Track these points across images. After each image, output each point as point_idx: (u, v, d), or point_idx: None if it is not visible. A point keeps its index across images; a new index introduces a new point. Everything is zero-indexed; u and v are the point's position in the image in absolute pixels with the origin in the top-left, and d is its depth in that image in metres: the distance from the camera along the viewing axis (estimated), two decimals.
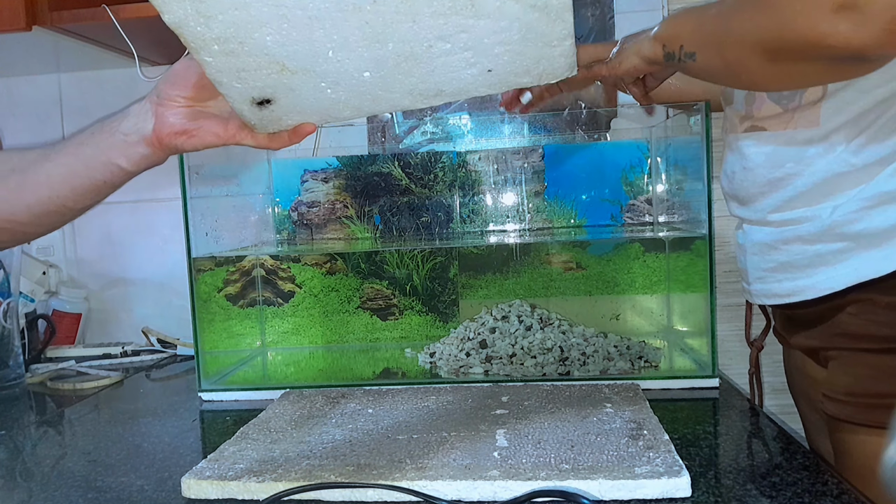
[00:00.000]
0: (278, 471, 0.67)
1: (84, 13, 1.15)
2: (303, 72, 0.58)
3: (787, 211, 0.77)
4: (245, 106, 0.61)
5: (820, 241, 0.74)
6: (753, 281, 0.84)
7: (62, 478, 0.74)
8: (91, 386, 1.14)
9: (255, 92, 0.60)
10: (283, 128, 0.65)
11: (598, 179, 1.27)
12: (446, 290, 1.22)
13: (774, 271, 0.80)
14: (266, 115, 0.62)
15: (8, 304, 1.16)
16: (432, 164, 1.29)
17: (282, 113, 0.63)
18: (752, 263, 0.83)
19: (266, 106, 0.61)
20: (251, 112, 0.62)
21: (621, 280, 1.19)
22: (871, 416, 0.71)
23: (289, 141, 0.65)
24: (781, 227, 0.78)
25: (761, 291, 0.83)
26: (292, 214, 1.33)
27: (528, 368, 1.03)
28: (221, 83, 0.59)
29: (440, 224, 1.29)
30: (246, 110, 0.62)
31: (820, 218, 0.74)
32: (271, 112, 0.62)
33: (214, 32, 0.54)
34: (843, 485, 0.62)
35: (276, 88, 0.60)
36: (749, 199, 0.81)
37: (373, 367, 1.15)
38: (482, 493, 0.62)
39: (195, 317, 1.05)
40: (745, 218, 0.83)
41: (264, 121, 0.63)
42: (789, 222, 0.77)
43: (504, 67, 0.60)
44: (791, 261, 0.77)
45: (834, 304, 0.75)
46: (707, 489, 0.63)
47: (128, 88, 1.47)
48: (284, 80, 0.59)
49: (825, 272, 0.74)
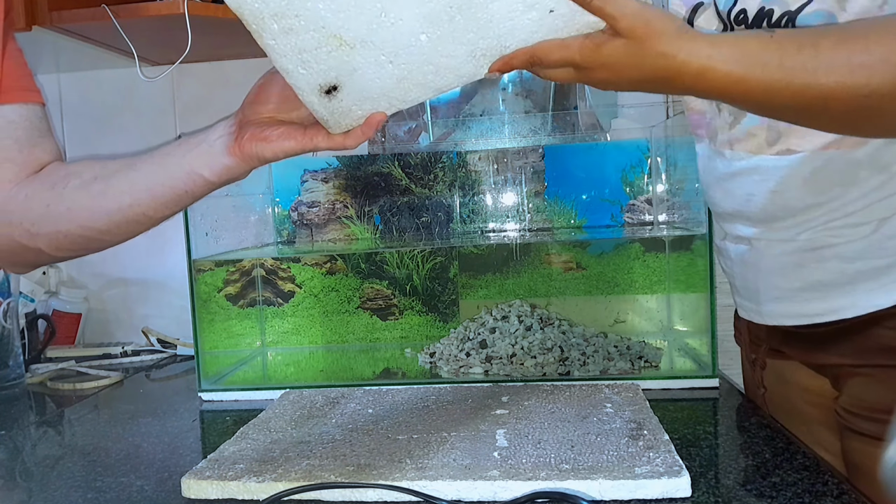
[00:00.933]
0: (278, 471, 0.67)
1: (84, 13, 1.15)
2: (360, 44, 0.58)
3: (822, 229, 0.71)
4: (315, 97, 0.62)
5: (861, 259, 0.69)
6: (767, 301, 0.77)
7: (62, 478, 0.74)
8: (91, 386, 1.14)
9: (320, 77, 0.60)
10: (355, 121, 0.64)
11: (598, 179, 1.27)
12: (446, 290, 1.22)
13: (801, 290, 0.73)
14: (336, 106, 0.62)
15: (8, 304, 1.16)
16: (432, 164, 1.29)
17: (350, 102, 0.62)
18: (770, 283, 0.76)
19: (334, 95, 0.61)
20: (321, 104, 0.62)
21: (621, 280, 1.19)
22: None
23: (363, 135, 0.64)
24: (814, 245, 0.71)
25: (777, 312, 0.77)
26: (292, 214, 1.33)
27: (528, 368, 1.03)
28: (289, 71, 0.60)
29: (440, 224, 1.29)
30: (316, 103, 0.62)
31: (861, 234, 0.68)
32: (340, 102, 0.62)
33: (271, 7, 0.55)
34: (844, 485, 0.62)
35: (339, 70, 0.60)
36: (771, 219, 0.74)
37: (373, 367, 1.15)
38: (482, 493, 0.62)
39: (195, 317, 1.05)
40: (761, 238, 0.76)
41: (336, 114, 0.63)
42: (824, 239, 0.71)
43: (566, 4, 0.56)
44: (824, 279, 0.71)
45: (865, 320, 0.70)
46: (707, 489, 0.63)
47: (128, 88, 1.47)
48: (345, 58, 0.59)
49: (867, 289, 0.69)
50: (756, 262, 0.78)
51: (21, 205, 0.70)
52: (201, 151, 0.66)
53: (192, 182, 0.67)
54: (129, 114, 1.48)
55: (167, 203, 0.68)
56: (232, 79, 1.46)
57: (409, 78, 0.61)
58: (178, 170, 0.67)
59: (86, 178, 0.70)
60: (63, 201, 0.69)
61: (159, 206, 0.69)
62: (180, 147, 0.68)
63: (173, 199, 0.68)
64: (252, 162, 0.66)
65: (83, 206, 0.69)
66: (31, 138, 0.73)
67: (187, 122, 1.48)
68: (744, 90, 0.56)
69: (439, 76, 0.61)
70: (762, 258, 0.77)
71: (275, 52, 0.58)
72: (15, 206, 0.71)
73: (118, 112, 1.48)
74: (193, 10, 1.13)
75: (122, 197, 0.68)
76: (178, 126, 1.48)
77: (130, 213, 0.69)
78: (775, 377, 0.87)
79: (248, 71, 1.46)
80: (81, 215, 0.69)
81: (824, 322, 0.73)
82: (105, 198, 0.68)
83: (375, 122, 0.64)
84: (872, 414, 0.71)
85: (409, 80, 0.61)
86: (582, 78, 0.59)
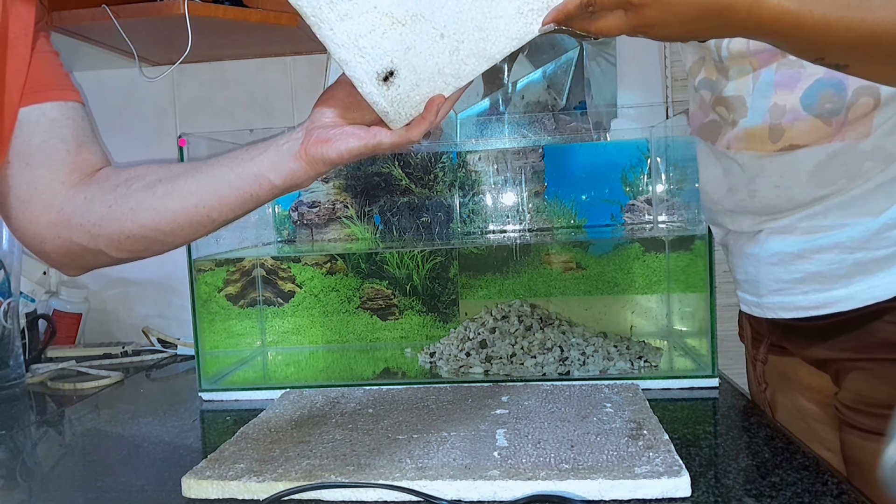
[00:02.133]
0: (278, 471, 0.67)
1: (84, 13, 1.15)
2: (412, 19, 0.60)
3: (823, 219, 0.71)
4: (374, 87, 0.62)
5: (863, 249, 0.69)
6: (768, 293, 0.78)
7: (62, 478, 0.74)
8: (91, 386, 1.14)
9: (377, 63, 0.61)
10: (415, 108, 0.65)
11: (598, 179, 1.27)
12: (446, 290, 1.22)
13: (800, 282, 0.74)
14: (394, 94, 0.63)
15: (8, 304, 1.16)
16: (432, 164, 1.29)
17: (408, 86, 0.63)
18: (770, 275, 0.77)
19: (392, 81, 0.62)
20: (381, 94, 0.63)
21: (621, 280, 1.19)
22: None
23: (424, 122, 0.64)
24: (814, 234, 0.72)
25: (778, 304, 0.77)
26: (292, 214, 1.33)
27: (528, 368, 1.03)
28: (347, 62, 0.61)
29: (440, 224, 1.29)
30: (375, 93, 0.63)
31: (863, 224, 0.69)
32: (398, 88, 0.63)
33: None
34: (843, 485, 0.62)
35: (394, 52, 0.61)
36: (775, 212, 0.75)
37: (373, 367, 1.15)
38: (482, 493, 0.62)
39: (195, 317, 1.05)
40: (763, 229, 0.77)
41: (395, 103, 0.64)
42: (825, 228, 0.71)
43: None
44: (823, 271, 0.72)
45: (865, 314, 0.71)
46: (707, 489, 0.63)
47: (128, 88, 1.47)
48: (398, 37, 0.60)
49: (866, 281, 0.69)
50: (757, 254, 0.78)
51: (81, 207, 0.71)
52: (269, 155, 0.67)
53: (258, 185, 0.67)
54: (129, 114, 1.48)
55: (232, 206, 0.69)
56: (232, 79, 1.46)
57: (461, 49, 0.62)
58: (246, 173, 0.67)
59: (150, 180, 0.71)
60: (127, 202, 0.70)
61: (224, 209, 0.69)
62: (248, 151, 0.69)
63: (238, 202, 0.68)
64: (317, 165, 0.66)
65: (148, 206, 0.69)
66: (77, 137, 0.73)
67: (187, 122, 1.48)
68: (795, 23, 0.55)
69: (490, 41, 0.62)
70: (763, 249, 0.77)
71: (333, 43, 0.60)
72: (74, 209, 0.71)
73: (118, 112, 1.48)
74: (193, 11, 1.13)
75: (188, 198, 0.69)
76: (178, 126, 1.48)
77: (195, 215, 0.69)
78: (777, 375, 0.88)
79: (248, 71, 1.46)
80: (146, 216, 0.69)
81: (823, 315, 0.73)
82: (171, 198, 0.69)
83: (434, 106, 0.64)
84: (870, 409, 0.71)
85: (461, 50, 0.62)
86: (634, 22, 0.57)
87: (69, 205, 0.71)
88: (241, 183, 0.68)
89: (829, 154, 0.69)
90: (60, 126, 0.72)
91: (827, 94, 0.68)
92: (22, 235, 0.73)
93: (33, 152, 0.71)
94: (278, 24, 1.21)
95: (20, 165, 0.71)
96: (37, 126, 0.71)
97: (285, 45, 1.38)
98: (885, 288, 0.69)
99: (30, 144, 0.71)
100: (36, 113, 0.71)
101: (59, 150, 0.72)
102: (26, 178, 0.71)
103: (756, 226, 0.78)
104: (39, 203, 0.71)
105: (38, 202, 0.71)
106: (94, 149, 0.75)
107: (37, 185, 0.71)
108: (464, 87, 0.64)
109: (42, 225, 0.71)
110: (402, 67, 0.62)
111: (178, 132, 1.42)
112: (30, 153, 0.71)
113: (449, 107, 0.65)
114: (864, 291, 0.70)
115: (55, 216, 0.71)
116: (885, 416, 0.68)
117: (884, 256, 0.69)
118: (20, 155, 0.71)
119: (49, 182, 0.71)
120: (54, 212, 0.71)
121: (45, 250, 0.73)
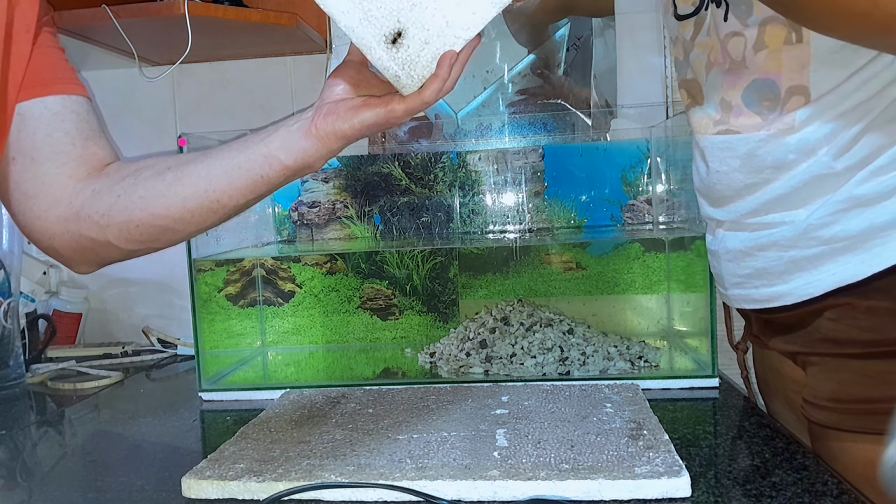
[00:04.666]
0: (278, 471, 0.67)
1: (84, 13, 1.15)
2: None
3: (763, 215, 0.75)
4: (383, 52, 0.62)
5: (795, 247, 0.73)
6: (730, 286, 0.82)
7: (62, 478, 0.74)
8: (91, 386, 1.14)
9: (384, 26, 0.61)
10: (426, 69, 0.63)
11: (598, 179, 1.27)
12: (446, 290, 1.22)
13: (751, 277, 0.78)
14: (404, 55, 0.62)
15: (8, 304, 1.16)
16: (432, 164, 1.29)
17: (417, 46, 0.62)
18: (728, 270, 0.81)
19: (400, 42, 0.62)
20: (391, 58, 0.62)
21: (621, 280, 1.19)
22: (859, 422, 0.70)
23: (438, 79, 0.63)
24: (757, 232, 0.76)
25: (739, 297, 0.82)
26: (292, 214, 1.33)
27: (528, 368, 1.03)
28: (353, 29, 0.61)
29: (440, 224, 1.29)
30: (385, 58, 0.62)
31: (795, 223, 0.72)
32: (407, 49, 0.62)
33: None
34: (843, 485, 0.62)
35: (399, 11, 0.61)
36: (721, 200, 0.80)
37: (373, 367, 1.15)
38: (482, 493, 0.62)
39: (195, 317, 1.05)
40: (718, 220, 0.82)
41: (406, 65, 0.63)
42: (765, 226, 0.75)
43: None
44: (767, 267, 0.76)
45: (812, 309, 0.74)
46: (707, 489, 0.63)
47: (128, 88, 1.47)
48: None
49: (802, 277, 0.73)
50: (716, 250, 0.83)
51: (89, 199, 0.70)
52: (279, 135, 0.67)
53: (268, 166, 0.67)
54: (129, 114, 1.48)
55: (242, 189, 0.68)
56: (232, 79, 1.46)
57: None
58: (255, 154, 0.67)
59: (159, 168, 0.70)
60: (136, 190, 0.69)
61: (234, 193, 0.68)
62: (258, 134, 0.68)
63: (249, 184, 0.68)
64: (329, 141, 0.65)
65: (157, 192, 0.68)
66: (83, 131, 0.72)
67: (187, 122, 1.48)
68: None
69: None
70: (720, 246, 0.82)
71: (338, 11, 0.60)
72: (83, 201, 0.70)
73: (118, 112, 1.48)
74: (193, 11, 1.13)
75: (198, 182, 0.68)
76: (178, 126, 1.48)
77: (205, 200, 0.68)
78: (768, 368, 0.90)
79: (248, 71, 1.46)
80: (155, 203, 0.69)
81: (775, 307, 0.77)
82: (180, 184, 0.68)
83: (447, 62, 0.62)
84: (818, 401, 0.75)
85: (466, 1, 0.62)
86: None
87: (77, 198, 0.70)
88: (251, 164, 0.67)
89: (758, 142, 0.73)
90: (64, 119, 0.72)
91: (763, 93, 0.72)
92: (30, 232, 0.73)
93: (38, 146, 0.70)
94: (278, 24, 1.21)
95: (26, 161, 0.70)
96: (40, 120, 0.71)
97: (285, 45, 1.38)
98: (817, 285, 0.72)
99: (34, 139, 0.70)
100: (38, 106, 0.70)
101: (63, 144, 0.71)
102: (33, 174, 0.71)
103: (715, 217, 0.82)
104: (47, 198, 0.71)
105: (46, 197, 0.71)
106: (102, 143, 0.74)
107: (44, 180, 0.71)
108: (474, 42, 0.63)
109: (50, 220, 0.71)
110: (410, 26, 0.61)
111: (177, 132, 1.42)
112: (35, 148, 0.70)
113: (461, 65, 0.64)
114: (800, 288, 0.74)
115: (63, 210, 0.70)
116: (829, 408, 0.73)
117: (814, 255, 0.72)
118: (25, 150, 0.70)
119: (56, 176, 0.71)
120: (62, 206, 0.70)
121: (54, 246, 0.72)
